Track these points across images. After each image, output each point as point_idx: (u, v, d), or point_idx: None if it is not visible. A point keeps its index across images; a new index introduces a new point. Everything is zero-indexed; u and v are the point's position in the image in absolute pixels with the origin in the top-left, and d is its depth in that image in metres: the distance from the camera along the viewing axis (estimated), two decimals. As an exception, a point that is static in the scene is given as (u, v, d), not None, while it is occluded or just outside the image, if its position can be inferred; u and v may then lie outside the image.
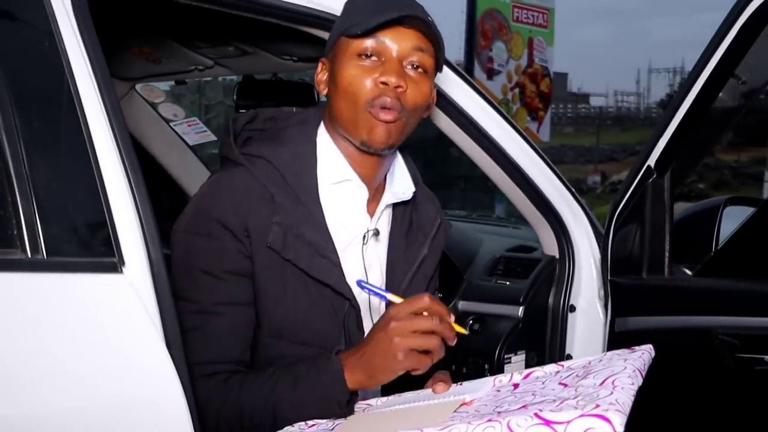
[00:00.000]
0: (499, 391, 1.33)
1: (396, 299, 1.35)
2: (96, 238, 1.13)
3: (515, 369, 2.14)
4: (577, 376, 1.27)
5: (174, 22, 2.10)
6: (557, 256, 2.19)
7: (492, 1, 9.26)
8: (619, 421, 1.02)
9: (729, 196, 2.09)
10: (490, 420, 1.09)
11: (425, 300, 1.29)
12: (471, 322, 2.19)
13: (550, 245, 2.21)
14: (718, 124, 1.84)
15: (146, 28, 2.16)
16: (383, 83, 1.40)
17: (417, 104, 1.44)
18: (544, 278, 2.18)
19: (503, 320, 2.14)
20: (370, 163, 1.49)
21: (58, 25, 1.17)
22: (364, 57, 1.42)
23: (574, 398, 1.12)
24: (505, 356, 2.10)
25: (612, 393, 1.10)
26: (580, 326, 2.18)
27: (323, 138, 1.51)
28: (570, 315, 2.17)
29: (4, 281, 1.03)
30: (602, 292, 2.12)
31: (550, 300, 2.18)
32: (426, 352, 1.29)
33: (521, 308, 2.14)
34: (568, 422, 1.03)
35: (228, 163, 1.48)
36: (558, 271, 2.18)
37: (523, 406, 1.16)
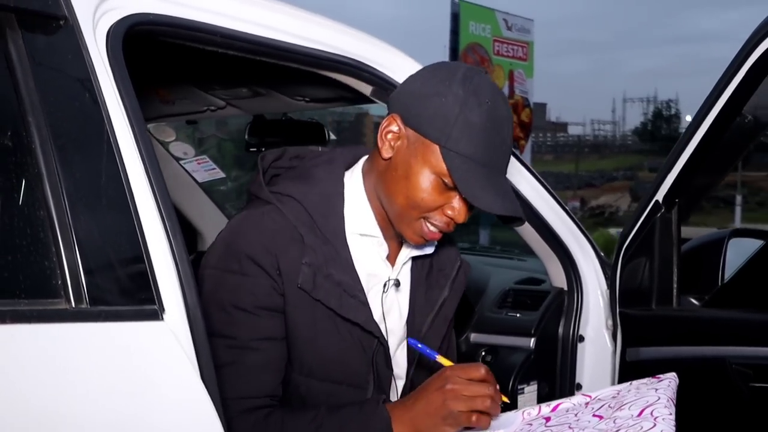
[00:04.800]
0: (531, 425, 1.31)
1: (446, 362, 1.37)
2: (137, 286, 1.10)
3: (528, 399, 2.12)
4: (609, 407, 1.26)
5: (193, 66, 2.09)
6: (566, 288, 2.17)
7: (474, 36, 9.35)
8: None
9: (734, 228, 2.09)
10: None
11: (482, 371, 1.31)
12: (483, 353, 2.17)
13: (558, 277, 2.20)
14: (723, 160, 1.85)
15: (166, 73, 2.14)
16: (449, 216, 1.38)
17: None
18: (553, 310, 2.16)
19: (515, 352, 2.12)
20: None
21: (96, 74, 1.15)
22: (444, 181, 1.35)
23: (618, 430, 1.11)
24: (519, 387, 2.07)
25: (655, 425, 1.10)
26: (589, 356, 2.16)
27: (354, 185, 1.47)
28: (579, 345, 2.15)
29: (51, 332, 1.00)
30: (610, 322, 2.11)
31: (560, 331, 2.16)
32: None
33: (533, 339, 2.12)
34: None
35: (257, 200, 1.46)
36: (567, 302, 2.16)
37: None
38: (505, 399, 1.33)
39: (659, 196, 1.83)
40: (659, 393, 1.24)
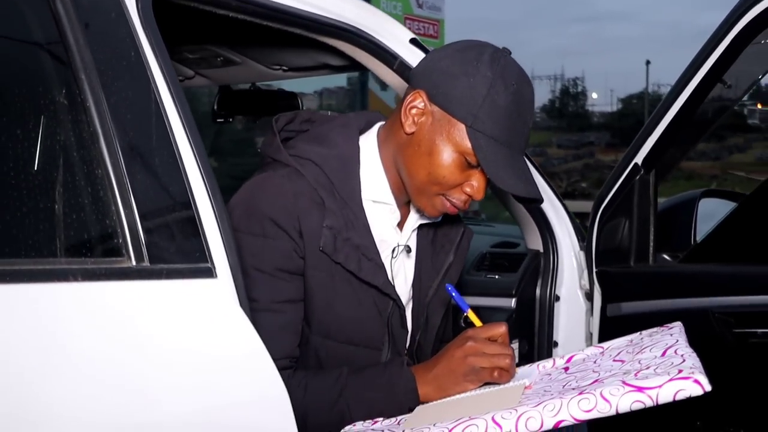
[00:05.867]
0: (549, 375, 1.37)
1: (475, 319, 1.41)
2: (191, 245, 1.10)
3: (511, 357, 2.19)
4: (628, 352, 1.32)
5: (162, 32, 2.05)
6: (541, 250, 2.24)
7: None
8: (706, 381, 1.08)
9: (704, 189, 2.20)
10: (582, 393, 1.14)
11: (503, 329, 1.35)
12: (464, 316, 2.22)
13: (534, 240, 2.27)
14: (701, 124, 1.94)
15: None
16: (468, 194, 1.41)
17: None
18: (531, 271, 2.23)
19: (498, 312, 2.17)
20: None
21: (139, 37, 1.13)
22: (467, 159, 1.37)
23: (648, 368, 1.17)
24: (503, 345, 2.13)
25: (684, 360, 1.16)
26: (564, 315, 2.24)
27: (369, 151, 1.47)
28: (555, 304, 2.23)
29: (117, 289, 0.99)
30: (583, 282, 2.20)
31: (537, 291, 2.23)
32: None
33: (514, 300, 2.19)
34: (660, 386, 1.09)
35: (274, 163, 1.45)
36: (543, 264, 2.23)
37: (595, 381, 1.20)
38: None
39: (638, 158, 1.91)
40: (675, 337, 1.31)
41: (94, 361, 0.94)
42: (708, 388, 1.08)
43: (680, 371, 1.11)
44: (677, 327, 1.38)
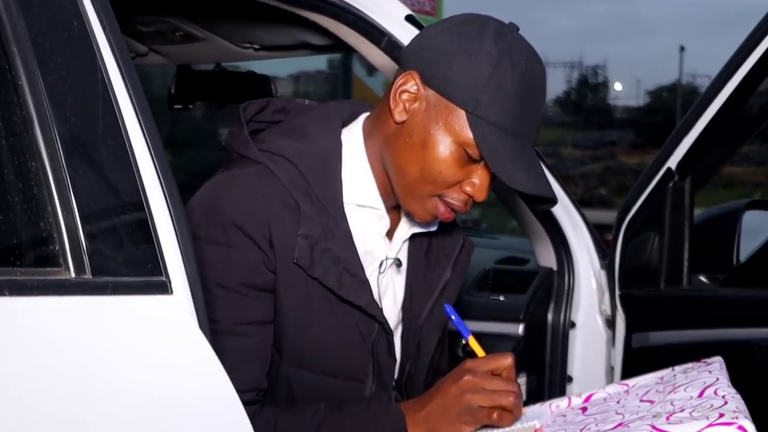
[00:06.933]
0: (564, 416, 1.37)
1: (478, 348, 1.39)
2: (142, 254, 1.09)
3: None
4: (658, 392, 1.33)
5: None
6: (555, 268, 2.25)
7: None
8: (753, 427, 1.08)
9: (749, 200, 2.20)
10: None
11: (509, 361, 1.34)
12: (464, 343, 2.22)
13: (546, 256, 2.27)
14: (747, 123, 1.94)
15: None
16: (468, 194, 1.40)
17: None
18: (542, 293, 2.23)
19: (502, 340, 2.18)
20: None
21: (83, 4, 1.12)
22: (467, 152, 1.36)
23: (682, 410, 1.17)
24: (508, 380, 2.13)
25: (726, 402, 1.16)
26: (581, 344, 2.25)
27: (353, 147, 1.47)
28: (570, 332, 2.24)
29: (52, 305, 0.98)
30: (604, 306, 2.20)
31: (550, 316, 2.24)
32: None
33: (521, 325, 2.19)
34: None
35: (241, 159, 1.45)
36: (557, 284, 2.24)
37: (620, 425, 1.20)
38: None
39: (672, 162, 1.92)
40: (715, 374, 1.31)
41: (21, 392, 0.92)
42: None
43: (721, 415, 1.11)
44: (717, 363, 1.38)
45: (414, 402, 1.39)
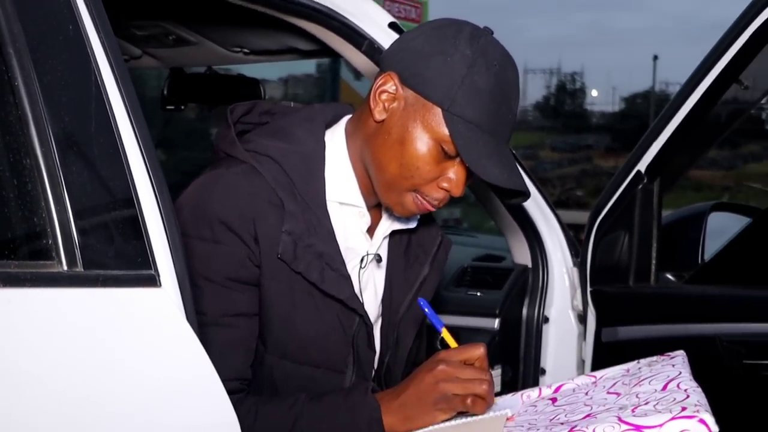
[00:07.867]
0: (535, 406, 1.38)
1: (450, 339, 1.40)
2: (132, 248, 1.09)
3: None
4: (624, 384, 1.33)
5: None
6: (530, 266, 2.26)
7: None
8: (713, 420, 1.09)
9: (714, 202, 2.22)
10: (572, 429, 1.14)
11: (480, 350, 1.34)
12: (442, 337, 2.23)
13: (521, 254, 2.28)
14: (713, 129, 1.96)
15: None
16: (445, 189, 1.41)
17: None
18: (517, 289, 2.24)
19: (479, 334, 2.19)
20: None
21: (78, 8, 1.12)
22: (444, 148, 1.37)
23: (647, 403, 1.18)
24: (483, 371, 2.14)
25: (688, 396, 1.17)
26: (553, 338, 2.26)
27: (336, 147, 1.48)
28: (544, 326, 2.25)
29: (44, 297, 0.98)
30: (576, 302, 2.21)
31: (524, 311, 2.25)
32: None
33: (497, 320, 2.20)
34: (661, 425, 1.10)
35: (227, 159, 1.45)
36: (531, 280, 2.25)
37: (588, 416, 1.21)
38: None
39: (641, 165, 1.93)
40: (678, 368, 1.32)
41: (14, 381, 0.93)
42: (715, 429, 1.09)
43: (683, 408, 1.12)
44: (680, 356, 1.39)
45: (390, 391, 1.39)
